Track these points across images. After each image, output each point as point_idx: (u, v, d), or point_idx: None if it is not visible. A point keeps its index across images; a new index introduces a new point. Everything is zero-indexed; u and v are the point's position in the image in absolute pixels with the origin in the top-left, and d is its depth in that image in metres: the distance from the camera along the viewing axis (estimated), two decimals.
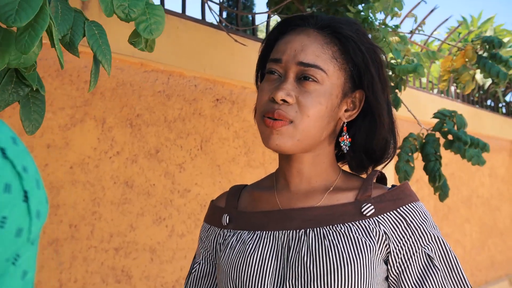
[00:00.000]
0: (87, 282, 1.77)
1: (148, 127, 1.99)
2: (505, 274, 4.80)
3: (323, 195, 0.98)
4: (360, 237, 0.91)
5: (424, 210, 0.96)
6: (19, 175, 0.44)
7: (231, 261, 0.97)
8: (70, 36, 0.91)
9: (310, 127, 0.92)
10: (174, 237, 2.06)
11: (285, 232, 0.95)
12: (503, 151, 4.97)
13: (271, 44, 1.01)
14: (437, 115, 2.14)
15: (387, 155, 1.01)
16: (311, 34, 0.95)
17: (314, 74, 0.92)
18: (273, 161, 2.52)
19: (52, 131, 1.71)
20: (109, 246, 1.84)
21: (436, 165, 2.05)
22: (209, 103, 2.23)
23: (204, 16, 2.23)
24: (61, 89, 1.74)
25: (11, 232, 0.42)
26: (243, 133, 2.38)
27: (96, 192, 1.82)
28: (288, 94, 0.92)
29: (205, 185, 2.19)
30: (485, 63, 2.19)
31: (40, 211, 0.46)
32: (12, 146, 0.45)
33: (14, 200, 0.43)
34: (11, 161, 0.44)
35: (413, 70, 2.05)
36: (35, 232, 0.46)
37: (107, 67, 0.93)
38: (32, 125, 0.94)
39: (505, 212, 4.93)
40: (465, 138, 2.03)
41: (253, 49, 2.22)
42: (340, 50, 0.95)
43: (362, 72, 0.95)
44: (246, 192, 1.08)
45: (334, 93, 0.94)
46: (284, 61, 0.94)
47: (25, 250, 0.45)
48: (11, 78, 0.91)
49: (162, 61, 1.98)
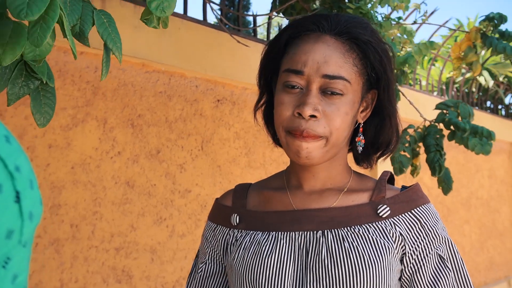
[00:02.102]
0: (88, 282, 1.78)
1: (149, 127, 1.99)
2: (504, 275, 4.81)
3: (337, 196, 0.97)
4: (379, 238, 0.92)
5: (435, 211, 0.98)
6: (11, 175, 0.42)
7: (246, 262, 0.95)
8: (79, 26, 0.91)
9: (339, 138, 0.92)
10: (174, 237, 2.06)
11: (301, 233, 0.94)
12: (503, 153, 4.97)
13: (280, 47, 0.98)
14: (439, 106, 2.11)
15: (392, 147, 1.02)
16: (330, 42, 0.93)
17: (338, 86, 0.90)
18: (273, 162, 2.53)
19: (54, 131, 1.72)
20: (110, 246, 1.85)
21: (436, 155, 2.02)
22: (210, 104, 2.24)
23: (206, 17, 2.23)
24: (63, 89, 1.74)
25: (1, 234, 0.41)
26: (243, 134, 2.38)
27: (97, 192, 1.82)
28: (315, 109, 0.89)
29: (205, 186, 2.19)
30: (492, 40, 2.16)
31: (33, 213, 0.45)
32: (4, 144, 0.43)
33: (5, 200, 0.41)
34: (3, 160, 0.42)
35: (404, 62, 2.03)
36: (28, 234, 0.44)
37: (118, 55, 0.93)
38: (44, 118, 0.94)
39: (504, 213, 4.93)
40: (464, 126, 1.99)
41: (254, 50, 2.23)
42: (359, 56, 0.93)
43: (380, 75, 0.95)
44: (254, 191, 1.06)
45: (356, 100, 0.94)
46: (307, 74, 0.91)
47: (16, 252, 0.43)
48: (21, 72, 0.90)
49: (163, 62, 1.99)
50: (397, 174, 2.07)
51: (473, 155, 4.17)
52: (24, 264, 0.46)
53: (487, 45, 2.15)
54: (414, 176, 2.15)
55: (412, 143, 2.10)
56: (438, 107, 2.10)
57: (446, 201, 4.03)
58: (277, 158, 2.53)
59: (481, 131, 2.04)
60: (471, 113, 2.08)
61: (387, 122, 0.98)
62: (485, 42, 2.16)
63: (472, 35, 2.20)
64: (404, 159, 2.06)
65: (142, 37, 1.88)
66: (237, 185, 1.10)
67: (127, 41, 1.78)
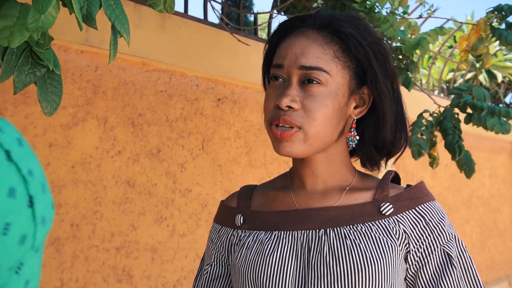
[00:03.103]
0: (88, 281, 1.77)
1: (149, 126, 1.99)
2: (505, 275, 4.80)
3: (340, 195, 0.97)
4: (382, 236, 0.91)
5: (441, 209, 0.97)
6: (24, 179, 0.42)
7: (249, 261, 0.95)
8: (87, 8, 0.90)
9: (320, 130, 0.91)
10: (175, 237, 2.06)
11: (304, 232, 0.94)
12: (504, 152, 4.97)
13: (273, 48, 1.00)
14: (453, 90, 2.08)
15: (397, 148, 1.00)
16: (310, 35, 0.94)
17: (317, 77, 0.91)
18: (274, 161, 2.52)
19: (54, 130, 1.71)
20: (110, 245, 1.84)
21: (454, 137, 1.98)
22: (211, 103, 2.23)
23: (206, 15, 2.23)
24: (63, 88, 1.73)
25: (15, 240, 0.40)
26: (244, 133, 2.38)
27: (98, 191, 1.82)
28: (292, 100, 0.91)
29: (206, 185, 2.19)
30: (501, 32, 2.12)
31: (45, 217, 0.44)
32: (17, 148, 0.43)
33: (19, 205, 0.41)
34: (16, 164, 0.42)
35: (417, 44, 1.98)
36: (40, 239, 0.44)
37: (126, 37, 0.93)
38: (51, 106, 0.94)
39: (505, 213, 4.93)
40: (481, 104, 1.95)
41: (255, 49, 2.22)
42: (342, 48, 0.93)
43: (365, 68, 0.94)
44: (258, 192, 1.06)
45: (340, 92, 0.93)
46: (286, 66, 0.93)
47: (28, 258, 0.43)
48: (27, 59, 0.90)
49: (164, 61, 1.98)
50: (416, 158, 2.02)
51: (473, 154, 4.16)
52: (36, 269, 0.45)
53: (496, 36, 2.10)
54: (434, 167, 2.11)
55: (429, 127, 2.05)
56: (452, 92, 2.08)
57: (447, 200, 4.02)
58: (278, 157, 2.53)
59: (499, 111, 2.00)
60: (486, 95, 2.05)
61: (381, 117, 0.96)
62: (494, 33, 2.12)
63: (481, 27, 2.17)
64: (422, 141, 2.01)
65: (142, 36, 1.87)
66: (242, 187, 1.10)
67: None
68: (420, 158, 2.10)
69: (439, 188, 3.95)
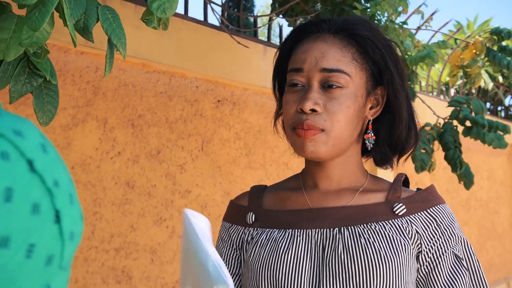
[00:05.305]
0: (88, 282, 1.77)
1: (149, 127, 1.99)
2: (503, 277, 4.81)
3: (353, 195, 0.99)
4: (395, 235, 0.93)
5: (451, 212, 0.99)
6: (50, 191, 0.38)
7: (263, 259, 0.96)
8: (83, 21, 0.90)
9: (342, 132, 0.93)
10: (174, 238, 2.06)
11: (318, 230, 0.96)
12: (502, 155, 4.97)
13: (286, 53, 1.02)
14: (452, 103, 2.11)
15: (409, 145, 1.03)
16: (328, 39, 0.96)
17: (338, 79, 0.93)
18: (273, 163, 2.52)
19: (54, 131, 1.71)
20: (110, 246, 1.84)
21: (456, 152, 2.03)
22: (211, 104, 2.23)
23: (207, 17, 2.23)
24: (63, 89, 1.74)
25: (41, 262, 0.36)
26: (244, 134, 2.38)
27: (97, 192, 1.82)
28: (315, 103, 0.92)
29: (205, 186, 2.19)
30: (495, 55, 2.17)
31: (73, 232, 0.39)
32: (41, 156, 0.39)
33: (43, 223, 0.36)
34: (40, 175, 0.37)
35: (427, 56, 2.01)
36: (68, 256, 0.39)
37: (122, 51, 0.93)
38: (46, 116, 0.94)
39: (503, 215, 4.94)
40: (483, 121, 1.99)
41: (254, 51, 2.23)
42: (359, 51, 0.96)
43: (381, 69, 0.97)
44: (269, 192, 1.07)
45: (359, 94, 0.95)
46: (306, 69, 0.94)
47: (56, 278, 0.38)
48: (24, 69, 0.90)
49: (164, 62, 1.99)
50: (418, 172, 2.08)
51: (472, 156, 4.17)
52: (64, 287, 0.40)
53: (490, 58, 2.16)
54: (430, 171, 2.15)
55: (431, 141, 2.09)
56: (451, 104, 2.11)
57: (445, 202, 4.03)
58: (277, 159, 2.53)
59: (496, 126, 2.05)
60: (483, 108, 2.09)
61: (396, 118, 0.99)
62: (488, 55, 2.17)
63: (477, 46, 2.21)
64: (425, 156, 2.06)
65: (142, 37, 1.88)
66: (253, 186, 1.11)
67: (128, 41, 1.77)
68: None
69: (438, 190, 3.94)
